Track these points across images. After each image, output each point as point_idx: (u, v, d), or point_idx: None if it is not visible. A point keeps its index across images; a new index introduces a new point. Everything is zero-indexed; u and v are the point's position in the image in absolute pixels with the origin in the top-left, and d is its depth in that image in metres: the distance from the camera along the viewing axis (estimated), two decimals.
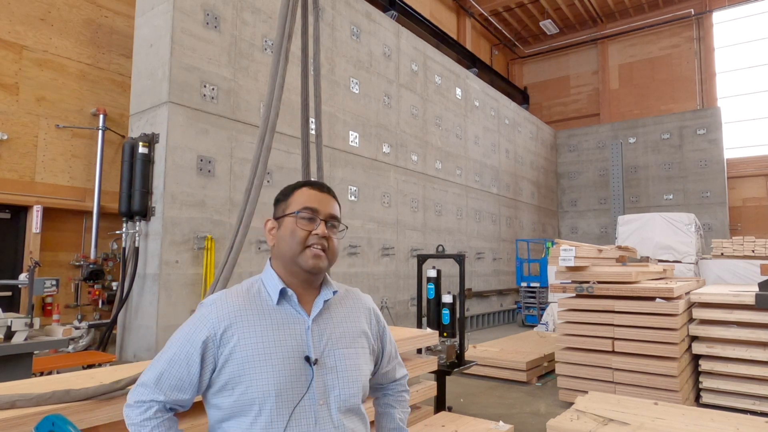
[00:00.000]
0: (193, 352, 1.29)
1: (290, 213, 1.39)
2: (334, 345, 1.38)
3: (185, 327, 1.35)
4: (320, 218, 1.38)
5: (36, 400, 1.82)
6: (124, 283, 5.84)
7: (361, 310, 1.51)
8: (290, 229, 1.37)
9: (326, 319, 1.40)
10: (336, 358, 1.36)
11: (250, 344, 1.28)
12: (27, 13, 6.79)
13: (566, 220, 17.21)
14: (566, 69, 18.93)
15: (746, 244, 8.23)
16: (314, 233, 1.36)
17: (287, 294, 1.37)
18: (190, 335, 1.31)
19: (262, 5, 6.96)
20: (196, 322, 1.33)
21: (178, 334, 1.34)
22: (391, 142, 9.26)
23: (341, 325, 1.42)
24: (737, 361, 4.82)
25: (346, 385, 1.35)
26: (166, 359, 1.31)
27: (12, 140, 6.57)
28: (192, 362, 1.29)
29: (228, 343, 1.29)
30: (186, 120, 5.89)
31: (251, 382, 1.25)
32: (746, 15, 15.95)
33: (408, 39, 10.09)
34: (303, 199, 1.40)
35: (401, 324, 8.92)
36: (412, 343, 3.84)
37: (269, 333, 1.31)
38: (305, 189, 1.43)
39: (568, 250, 5.34)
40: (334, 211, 1.43)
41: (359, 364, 1.41)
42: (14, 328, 3.60)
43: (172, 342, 1.34)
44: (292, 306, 1.37)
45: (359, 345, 1.43)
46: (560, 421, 3.12)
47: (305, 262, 1.35)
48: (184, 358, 1.29)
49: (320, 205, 1.40)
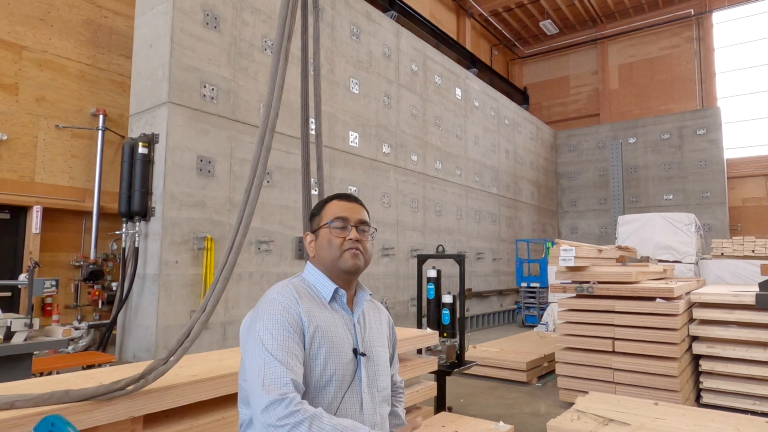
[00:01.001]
0: (294, 326, 1.38)
1: (324, 224, 1.55)
2: (373, 342, 1.56)
3: (272, 313, 1.39)
4: (351, 225, 1.54)
5: (35, 400, 1.82)
6: (123, 283, 5.83)
7: (384, 317, 1.72)
8: (327, 239, 1.54)
9: (365, 318, 1.59)
10: (375, 354, 1.54)
11: (323, 330, 1.42)
12: (27, 14, 6.78)
13: (566, 221, 17.21)
14: (566, 69, 18.93)
15: (746, 244, 8.22)
16: (348, 238, 1.52)
17: (339, 293, 1.53)
18: (284, 314, 1.38)
19: (261, 5, 6.96)
20: (281, 305, 1.41)
21: (266, 322, 1.37)
22: (390, 142, 9.26)
23: (374, 326, 1.61)
24: (737, 361, 4.82)
25: (383, 378, 1.54)
26: (278, 342, 1.34)
27: (12, 140, 6.57)
28: (295, 338, 1.37)
29: (309, 325, 1.41)
30: (186, 120, 5.89)
31: (326, 363, 1.39)
32: (746, 15, 15.96)
33: (408, 39, 10.09)
34: (334, 210, 1.56)
35: (401, 324, 8.92)
36: (413, 343, 3.83)
37: (331, 324, 1.46)
38: (335, 201, 1.60)
39: (568, 250, 5.33)
40: (363, 216, 1.59)
41: (387, 361, 1.62)
42: (14, 329, 3.60)
43: (266, 329, 1.36)
44: (341, 305, 1.53)
45: (384, 346, 1.64)
46: (560, 421, 3.11)
47: (345, 263, 1.50)
48: (288, 336, 1.36)
49: (350, 214, 1.56)
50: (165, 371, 2.02)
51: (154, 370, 2.05)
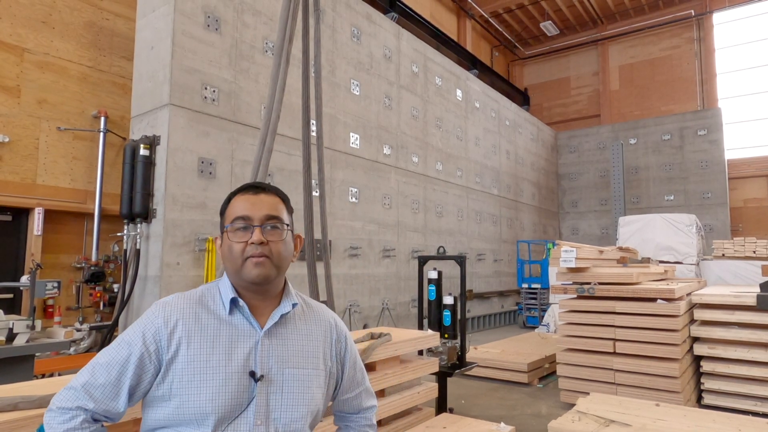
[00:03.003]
0: (132, 356, 1.18)
1: (225, 228, 1.31)
2: (285, 363, 1.27)
3: (130, 329, 1.26)
4: (255, 224, 1.28)
5: (39, 402, 1.82)
6: (125, 285, 5.84)
7: (323, 328, 1.40)
8: (227, 244, 1.28)
9: (281, 333, 1.30)
10: (284, 377, 1.26)
11: (193, 355, 1.20)
12: (28, 16, 6.81)
13: (567, 221, 17.20)
14: (567, 70, 18.94)
15: (747, 245, 8.22)
16: (250, 243, 1.26)
17: (238, 304, 1.28)
18: (132, 337, 1.21)
19: (262, 7, 6.98)
20: (142, 324, 1.24)
21: (121, 335, 1.25)
22: (391, 143, 9.27)
23: (296, 342, 1.32)
24: (739, 362, 4.82)
25: (289, 408, 1.25)
26: (102, 362, 1.19)
27: (13, 143, 6.59)
28: (129, 367, 1.18)
29: (171, 350, 1.20)
30: (187, 122, 5.90)
31: (189, 396, 1.16)
32: (746, 16, 15.96)
33: (408, 41, 10.10)
34: (235, 209, 1.30)
35: (402, 325, 8.92)
36: (413, 344, 3.84)
37: (215, 344, 1.22)
38: (237, 197, 1.33)
39: (569, 251, 5.33)
40: (272, 211, 1.31)
41: (310, 387, 1.30)
42: (16, 330, 3.61)
43: (113, 344, 1.24)
44: (245, 317, 1.28)
45: (312, 366, 1.32)
46: (562, 422, 3.12)
47: (248, 274, 1.25)
48: (122, 361, 1.18)
49: (253, 211, 1.29)
50: None
51: None
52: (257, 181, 1.42)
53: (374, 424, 1.53)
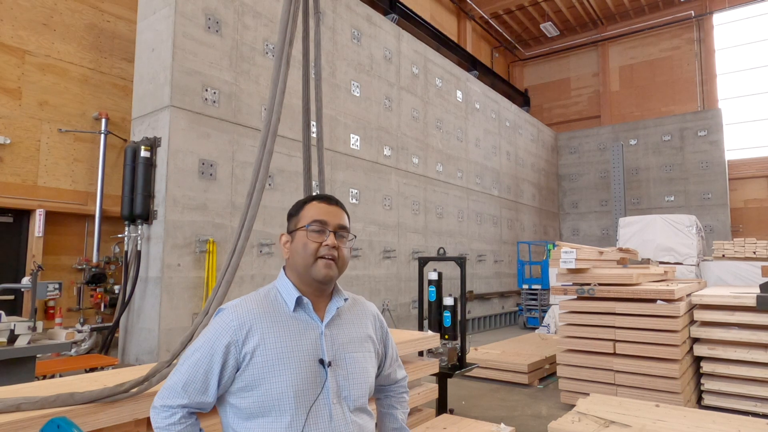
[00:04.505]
0: (216, 356, 1.35)
1: (301, 227, 1.47)
2: (345, 349, 1.47)
3: (208, 332, 1.41)
4: (329, 230, 1.46)
5: (41, 403, 1.84)
6: (126, 286, 5.85)
7: (368, 317, 1.61)
8: (302, 242, 1.45)
9: (337, 324, 1.50)
10: (347, 361, 1.46)
11: (270, 348, 1.36)
12: (30, 18, 6.83)
13: (567, 222, 17.21)
14: (567, 71, 18.95)
15: (747, 245, 8.22)
16: (324, 244, 1.44)
17: (303, 302, 1.45)
18: (214, 340, 1.37)
19: (263, 9, 7.00)
20: (218, 327, 1.39)
21: (201, 338, 1.40)
22: (392, 144, 9.28)
23: (351, 331, 1.52)
24: (739, 362, 4.82)
25: (355, 386, 1.45)
26: (191, 364, 1.37)
27: (15, 144, 6.60)
28: (215, 366, 1.35)
29: (249, 346, 1.36)
30: (188, 124, 5.92)
31: (271, 385, 1.33)
32: (746, 17, 15.97)
33: (408, 42, 10.12)
34: (312, 213, 1.48)
35: (402, 326, 8.93)
36: (414, 345, 3.85)
37: (286, 338, 1.39)
38: (314, 203, 1.51)
39: (569, 252, 5.34)
40: (343, 221, 1.50)
41: (366, 367, 1.51)
42: (17, 332, 3.62)
43: (196, 346, 1.40)
44: (307, 313, 1.46)
45: (366, 349, 1.53)
46: (562, 423, 3.13)
47: (317, 272, 1.43)
48: (207, 362, 1.36)
49: (329, 218, 1.47)
50: (168, 374, 2.04)
51: (157, 372, 2.07)
52: (328, 194, 1.61)
53: (408, 390, 1.78)
